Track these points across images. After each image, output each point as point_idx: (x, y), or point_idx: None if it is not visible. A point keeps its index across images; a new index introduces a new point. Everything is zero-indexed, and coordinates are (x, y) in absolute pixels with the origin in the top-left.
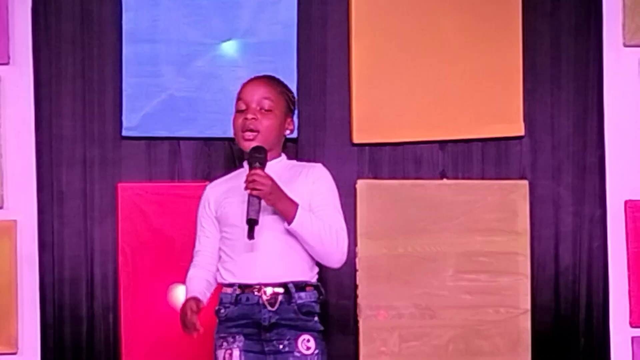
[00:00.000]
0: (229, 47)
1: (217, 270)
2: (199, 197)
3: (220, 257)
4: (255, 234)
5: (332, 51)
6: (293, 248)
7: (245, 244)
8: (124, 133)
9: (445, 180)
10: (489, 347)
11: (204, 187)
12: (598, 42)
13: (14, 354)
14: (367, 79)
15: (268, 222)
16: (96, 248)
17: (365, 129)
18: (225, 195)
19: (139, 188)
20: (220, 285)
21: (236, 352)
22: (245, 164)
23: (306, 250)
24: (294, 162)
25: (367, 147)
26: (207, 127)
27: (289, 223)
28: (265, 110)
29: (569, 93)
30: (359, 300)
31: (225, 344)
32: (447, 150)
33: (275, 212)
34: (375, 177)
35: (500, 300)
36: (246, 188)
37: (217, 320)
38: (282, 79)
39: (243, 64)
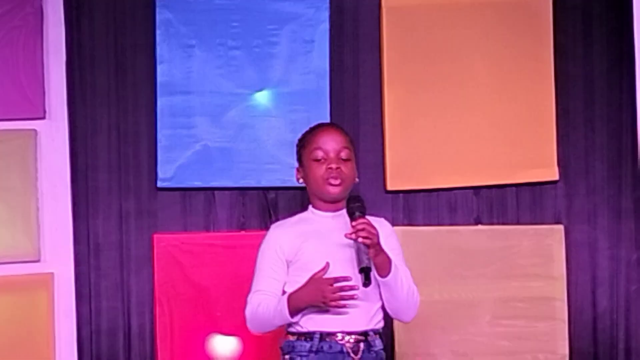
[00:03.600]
0: (262, 97)
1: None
2: (235, 247)
3: None
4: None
5: (365, 99)
6: (374, 297)
7: None
8: (159, 184)
9: (480, 226)
10: None
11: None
12: (631, 84)
13: None
14: (400, 126)
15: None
16: (133, 299)
17: (399, 176)
18: (302, 238)
19: (175, 239)
20: (285, 333)
21: None
22: (311, 208)
23: (382, 300)
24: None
25: (401, 194)
26: (241, 177)
27: (384, 276)
28: (344, 160)
29: (602, 136)
30: (397, 349)
31: None
32: (482, 195)
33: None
34: (410, 224)
35: (538, 346)
36: (356, 237)
37: None
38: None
39: (276, 114)
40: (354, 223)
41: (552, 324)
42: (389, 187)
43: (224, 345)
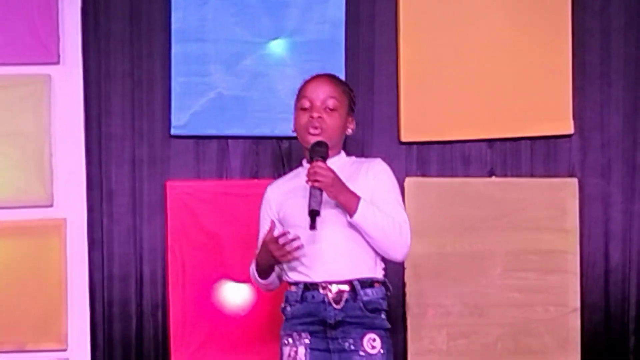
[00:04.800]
0: (277, 46)
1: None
2: (247, 195)
3: None
4: (319, 231)
5: (380, 50)
6: (357, 243)
7: (309, 242)
8: (173, 132)
9: (494, 179)
10: (538, 346)
11: (265, 188)
12: None
13: (64, 350)
14: (416, 77)
15: (331, 218)
16: (145, 246)
17: (414, 128)
18: (286, 196)
19: (188, 186)
20: (286, 284)
21: (301, 350)
22: (305, 162)
23: (370, 245)
24: (354, 158)
25: (415, 146)
26: (255, 126)
27: (352, 216)
28: (330, 110)
29: (618, 90)
30: (407, 299)
31: (290, 341)
32: (496, 148)
33: (338, 207)
34: (424, 175)
35: (549, 298)
36: (308, 180)
37: (284, 318)
38: None
39: (291, 63)
40: (308, 167)
41: (563, 276)
42: (403, 139)
43: (235, 292)
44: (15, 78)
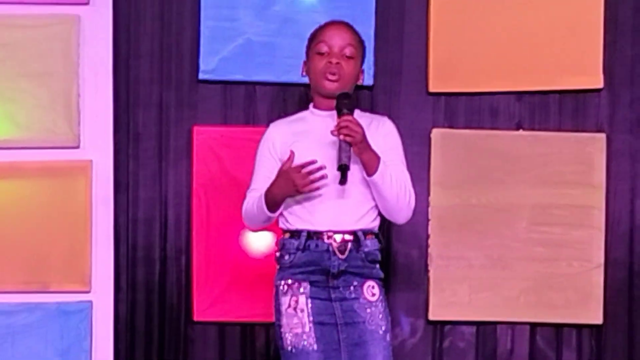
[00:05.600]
0: None
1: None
2: None
3: None
4: (328, 181)
5: None
6: (364, 197)
7: (314, 192)
8: (201, 76)
9: (521, 132)
10: (561, 300)
11: (265, 127)
12: None
13: (87, 292)
14: (445, 27)
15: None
16: (170, 190)
17: (442, 78)
18: (294, 138)
19: (215, 131)
20: (280, 231)
21: (302, 299)
22: (312, 107)
23: (374, 202)
24: (358, 111)
25: (442, 97)
26: (283, 72)
27: (371, 174)
28: (347, 57)
29: None
30: (430, 250)
31: (290, 290)
32: (524, 101)
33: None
34: (451, 127)
35: (573, 253)
36: (338, 134)
37: (278, 267)
38: (360, 25)
39: (321, 9)
40: (338, 120)
41: (588, 232)
42: (431, 89)
43: (258, 239)
44: (44, 18)
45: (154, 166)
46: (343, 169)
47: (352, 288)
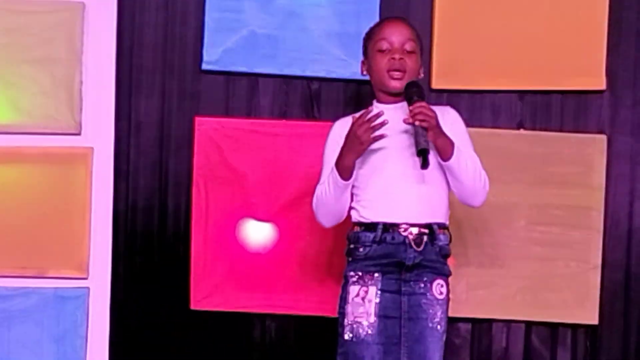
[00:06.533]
0: None
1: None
2: (275, 135)
3: (353, 196)
4: (403, 170)
5: None
6: (440, 185)
7: (391, 179)
8: (204, 67)
9: (522, 131)
10: (557, 301)
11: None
12: None
13: (84, 279)
14: (449, 25)
15: (416, 160)
16: (170, 179)
17: (445, 75)
18: None
19: (216, 122)
20: (352, 225)
21: (372, 290)
22: (376, 103)
23: (450, 189)
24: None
25: (445, 94)
26: (286, 65)
27: (447, 159)
28: (408, 52)
29: None
30: None
31: (361, 280)
32: (526, 100)
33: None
34: None
35: (571, 254)
36: (413, 120)
37: (349, 259)
38: (364, 21)
39: (325, 4)
40: (411, 107)
41: (587, 233)
42: (434, 86)
43: (257, 231)
44: (49, 4)
45: (155, 155)
46: (424, 153)
47: (422, 284)
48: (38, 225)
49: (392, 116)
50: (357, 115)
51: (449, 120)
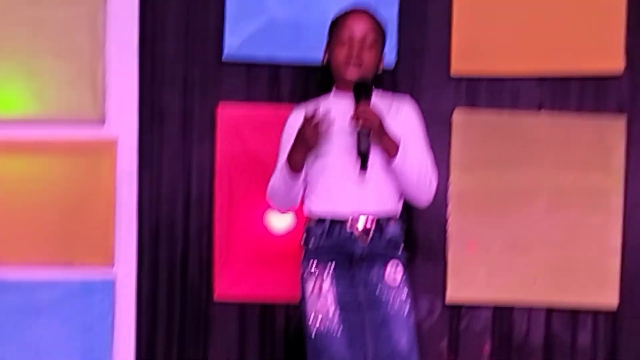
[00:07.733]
0: None
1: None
2: None
3: (306, 186)
4: (349, 167)
5: None
6: (385, 182)
7: (338, 175)
8: (225, 55)
9: (542, 114)
10: (577, 284)
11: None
12: None
13: (110, 267)
14: (469, 10)
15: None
16: (194, 168)
17: (464, 61)
18: None
19: (238, 110)
20: (306, 218)
21: (327, 282)
22: (334, 90)
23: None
24: (379, 92)
25: (464, 79)
26: (307, 52)
27: (390, 161)
28: (369, 46)
29: None
30: (449, 231)
31: (314, 274)
32: (545, 84)
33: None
34: (472, 108)
35: (591, 237)
36: (356, 122)
37: (304, 250)
38: (384, 6)
39: None
40: (355, 109)
41: (606, 216)
42: (453, 72)
43: (279, 220)
44: None
45: (178, 144)
46: (363, 156)
47: (374, 274)
48: (64, 215)
49: (345, 111)
50: (309, 111)
51: (403, 114)
